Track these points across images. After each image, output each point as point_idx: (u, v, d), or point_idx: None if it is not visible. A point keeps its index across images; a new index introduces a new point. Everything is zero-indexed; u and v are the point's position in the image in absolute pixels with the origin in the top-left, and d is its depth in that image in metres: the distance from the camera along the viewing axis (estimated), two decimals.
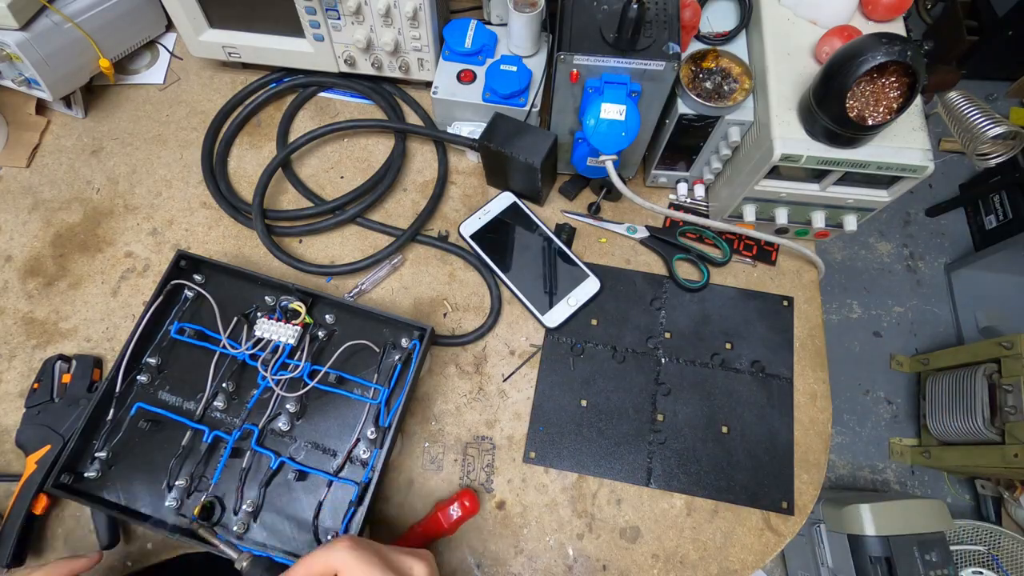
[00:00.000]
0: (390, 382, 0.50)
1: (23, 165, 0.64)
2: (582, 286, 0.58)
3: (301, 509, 0.47)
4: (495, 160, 0.57)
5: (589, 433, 0.54)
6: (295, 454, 0.48)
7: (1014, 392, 1.09)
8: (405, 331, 0.52)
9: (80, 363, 0.53)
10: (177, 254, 0.52)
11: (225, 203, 0.61)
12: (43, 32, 0.56)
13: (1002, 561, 1.10)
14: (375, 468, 0.46)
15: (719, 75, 0.51)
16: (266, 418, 0.49)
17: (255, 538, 0.46)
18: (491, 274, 0.59)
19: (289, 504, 0.47)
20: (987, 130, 0.46)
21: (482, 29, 0.59)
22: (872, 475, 1.41)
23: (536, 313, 0.56)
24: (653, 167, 0.60)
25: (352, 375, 0.50)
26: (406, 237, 0.59)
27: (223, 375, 0.50)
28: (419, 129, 0.63)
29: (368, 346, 0.51)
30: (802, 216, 0.56)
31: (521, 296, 0.57)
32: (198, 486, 0.47)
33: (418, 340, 0.50)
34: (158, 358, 0.50)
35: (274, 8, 0.58)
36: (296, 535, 0.46)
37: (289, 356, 0.50)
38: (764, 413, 0.55)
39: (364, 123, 0.62)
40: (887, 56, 0.40)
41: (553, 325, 0.56)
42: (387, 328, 0.52)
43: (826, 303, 1.55)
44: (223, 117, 0.66)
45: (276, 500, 0.47)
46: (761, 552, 0.51)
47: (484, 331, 0.57)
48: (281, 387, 0.49)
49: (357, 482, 0.47)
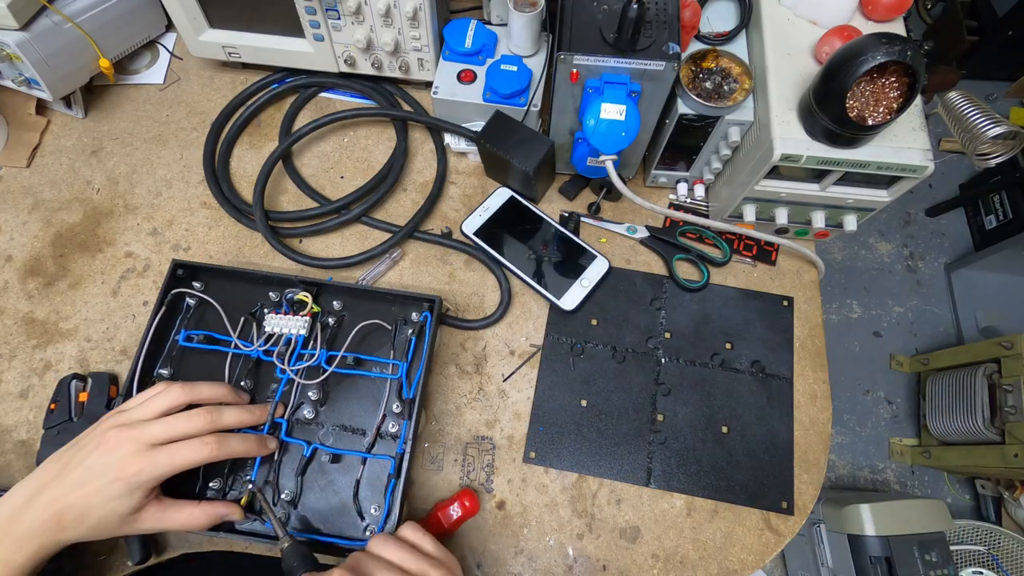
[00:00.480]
0: (407, 356, 0.50)
1: (23, 165, 0.64)
2: (592, 266, 0.59)
3: (340, 490, 0.48)
4: (492, 158, 0.57)
5: (589, 433, 0.54)
6: (324, 439, 0.49)
7: (1014, 392, 1.09)
8: (414, 305, 0.53)
9: (96, 381, 0.53)
10: (173, 263, 0.52)
11: (228, 205, 0.61)
12: (43, 32, 0.56)
13: (1002, 561, 1.10)
14: (407, 438, 0.47)
15: (719, 75, 0.51)
16: (290, 409, 0.49)
17: (296, 526, 0.47)
18: (499, 267, 0.59)
19: (327, 487, 0.48)
20: (987, 130, 0.46)
21: (482, 29, 0.59)
22: (872, 475, 1.41)
23: (552, 298, 0.57)
24: (653, 167, 0.60)
25: (368, 355, 0.51)
26: (405, 232, 0.59)
27: (239, 374, 0.50)
28: (421, 117, 0.63)
29: (380, 324, 0.52)
30: (802, 216, 0.56)
31: (535, 284, 0.57)
32: (233, 484, 0.48)
33: (428, 311, 0.51)
34: (170, 368, 0.50)
35: (274, 8, 0.58)
36: (338, 516, 0.47)
37: (303, 347, 0.50)
38: (764, 413, 0.55)
39: (366, 111, 0.63)
40: (887, 56, 0.40)
41: (571, 308, 0.57)
42: (395, 306, 0.53)
43: (826, 303, 1.55)
44: (224, 119, 0.66)
45: (314, 485, 0.48)
46: (761, 552, 0.51)
47: (494, 320, 0.57)
48: (301, 376, 0.49)
49: (392, 456, 0.48)
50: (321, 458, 0.48)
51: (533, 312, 0.58)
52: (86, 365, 0.56)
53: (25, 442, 0.53)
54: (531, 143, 0.55)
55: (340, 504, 0.47)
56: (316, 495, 0.48)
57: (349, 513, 0.47)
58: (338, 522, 0.47)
